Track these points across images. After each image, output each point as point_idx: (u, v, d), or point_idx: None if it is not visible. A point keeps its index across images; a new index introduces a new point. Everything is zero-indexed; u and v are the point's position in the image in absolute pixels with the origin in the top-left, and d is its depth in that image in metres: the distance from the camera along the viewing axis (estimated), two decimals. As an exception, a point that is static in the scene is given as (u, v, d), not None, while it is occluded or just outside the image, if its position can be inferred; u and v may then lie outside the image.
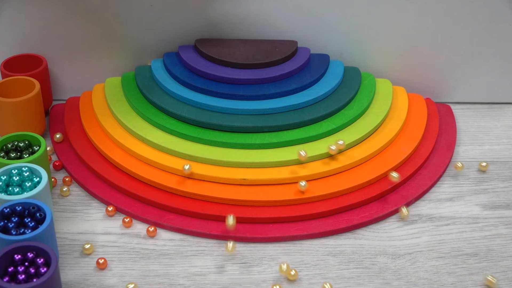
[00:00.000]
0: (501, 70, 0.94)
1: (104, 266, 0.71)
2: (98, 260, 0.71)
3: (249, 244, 0.75)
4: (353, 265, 0.73)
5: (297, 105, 0.85)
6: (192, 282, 0.70)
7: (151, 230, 0.75)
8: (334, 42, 0.92)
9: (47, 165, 0.77)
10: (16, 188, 0.71)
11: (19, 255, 0.64)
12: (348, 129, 0.85)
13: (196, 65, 0.88)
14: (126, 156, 0.82)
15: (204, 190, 0.78)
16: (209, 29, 0.91)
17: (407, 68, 0.94)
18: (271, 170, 0.80)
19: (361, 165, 0.82)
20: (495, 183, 0.83)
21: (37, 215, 0.67)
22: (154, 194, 0.79)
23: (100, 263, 0.71)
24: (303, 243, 0.75)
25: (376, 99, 0.89)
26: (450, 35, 0.91)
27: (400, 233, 0.76)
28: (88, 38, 0.92)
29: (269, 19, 0.91)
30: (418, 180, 0.82)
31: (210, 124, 0.83)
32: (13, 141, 0.77)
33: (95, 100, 0.89)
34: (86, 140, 0.85)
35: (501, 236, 0.76)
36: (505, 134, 0.91)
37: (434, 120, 0.90)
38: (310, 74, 0.89)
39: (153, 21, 0.91)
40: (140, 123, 0.85)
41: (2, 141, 0.77)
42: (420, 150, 0.85)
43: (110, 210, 0.77)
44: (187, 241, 0.75)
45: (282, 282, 0.70)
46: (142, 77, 0.89)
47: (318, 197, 0.78)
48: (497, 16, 0.90)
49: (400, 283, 0.70)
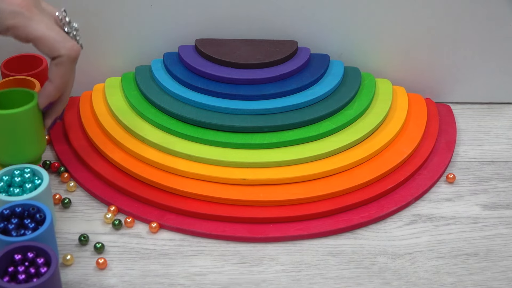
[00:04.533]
0: (501, 70, 0.94)
1: (104, 266, 0.71)
2: (98, 260, 0.71)
3: (249, 244, 0.75)
4: (353, 265, 0.73)
5: (297, 105, 0.85)
6: (192, 282, 0.70)
7: (153, 226, 0.75)
8: (334, 42, 0.93)
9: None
10: (16, 189, 0.71)
11: (19, 255, 0.64)
12: (348, 129, 0.85)
13: (196, 65, 0.88)
14: (126, 156, 0.82)
15: (204, 190, 0.78)
16: (209, 29, 0.91)
17: (407, 68, 0.94)
18: (271, 170, 0.80)
19: (361, 165, 0.82)
20: (495, 183, 0.83)
21: (37, 216, 0.67)
22: (154, 194, 0.79)
23: (100, 263, 0.71)
24: (303, 243, 0.75)
25: (376, 99, 0.89)
26: (450, 35, 0.91)
27: (400, 233, 0.76)
28: (88, 38, 0.92)
29: (269, 19, 0.91)
30: (418, 180, 0.82)
31: (210, 124, 0.83)
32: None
33: (95, 100, 0.89)
34: (86, 140, 0.85)
35: (501, 236, 0.76)
36: (505, 134, 0.91)
37: (434, 120, 0.90)
38: (310, 74, 0.89)
39: (153, 21, 0.91)
40: (140, 123, 0.85)
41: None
42: (420, 150, 0.85)
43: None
44: (187, 241, 0.75)
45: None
46: (142, 77, 0.89)
47: (318, 197, 0.78)
48: (497, 16, 0.90)
49: (400, 283, 0.70)
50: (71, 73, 0.71)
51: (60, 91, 0.72)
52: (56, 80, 0.70)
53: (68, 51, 0.69)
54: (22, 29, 0.67)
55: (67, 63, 0.69)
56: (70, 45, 0.69)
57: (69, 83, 0.72)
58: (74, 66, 0.71)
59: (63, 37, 0.69)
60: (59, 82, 0.71)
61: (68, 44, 0.69)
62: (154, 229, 0.76)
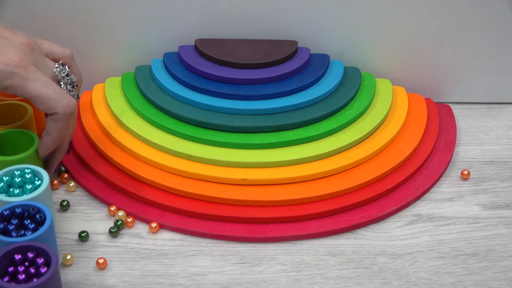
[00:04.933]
0: (501, 70, 0.94)
1: (104, 266, 0.71)
2: (98, 260, 0.71)
3: (249, 244, 0.75)
4: (353, 265, 0.73)
5: (297, 105, 0.85)
6: (192, 282, 0.70)
7: (153, 226, 0.75)
8: (334, 42, 0.92)
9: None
10: (16, 189, 0.71)
11: (19, 255, 0.64)
12: (348, 129, 0.85)
13: (196, 65, 0.88)
14: (126, 156, 0.82)
15: (204, 190, 0.78)
16: (209, 29, 0.91)
17: (407, 68, 0.94)
18: (271, 170, 0.80)
19: (361, 165, 0.82)
20: (495, 183, 0.83)
21: (37, 217, 0.67)
22: (154, 194, 0.79)
23: (100, 263, 0.71)
24: (303, 243, 0.75)
25: (376, 99, 0.89)
26: (450, 35, 0.91)
27: (400, 233, 0.76)
28: (88, 38, 0.92)
29: (269, 19, 0.91)
30: (418, 180, 0.82)
31: (210, 124, 0.83)
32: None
33: (95, 100, 0.89)
34: (86, 140, 0.85)
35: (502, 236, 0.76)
36: (505, 134, 0.91)
37: (434, 120, 0.90)
38: (310, 74, 0.89)
39: (153, 21, 0.91)
40: (140, 123, 0.85)
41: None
42: (420, 150, 0.85)
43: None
44: (187, 241, 0.75)
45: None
46: (142, 77, 0.89)
47: (318, 197, 0.78)
48: (497, 16, 0.90)
49: (400, 283, 0.70)
50: (68, 126, 0.73)
51: (58, 142, 0.73)
52: (54, 133, 0.72)
53: (64, 109, 0.70)
54: (19, 88, 0.69)
55: (63, 119, 0.71)
56: (65, 102, 0.70)
57: (68, 134, 0.74)
58: (71, 120, 0.72)
59: (59, 94, 0.70)
60: (57, 136, 0.72)
61: (63, 101, 0.70)
62: (154, 229, 0.76)
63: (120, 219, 0.76)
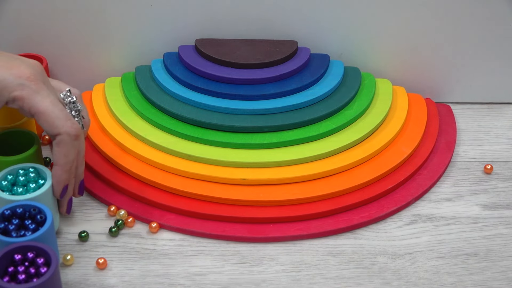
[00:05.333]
0: (501, 70, 0.94)
1: (104, 266, 0.71)
2: (98, 260, 0.71)
3: (249, 244, 0.75)
4: (353, 265, 0.73)
5: (297, 105, 0.85)
6: (192, 282, 0.70)
7: (153, 226, 0.75)
8: (334, 42, 0.92)
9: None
10: (19, 188, 0.71)
11: (19, 255, 0.64)
12: (348, 129, 0.85)
13: (196, 65, 0.88)
14: (126, 156, 0.82)
15: (204, 190, 0.78)
16: (209, 29, 0.91)
17: (407, 68, 0.94)
18: (271, 170, 0.80)
19: (361, 165, 0.82)
20: (495, 183, 0.83)
21: (37, 217, 0.67)
22: (154, 194, 0.79)
23: (100, 263, 0.71)
24: (303, 243, 0.75)
25: (376, 99, 0.89)
26: (450, 35, 0.91)
27: (400, 233, 0.76)
28: (88, 38, 0.92)
29: (269, 19, 0.91)
30: (418, 180, 0.82)
31: (209, 124, 0.83)
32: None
33: (95, 100, 0.89)
34: (86, 140, 0.85)
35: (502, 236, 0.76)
36: (505, 134, 0.91)
37: (434, 120, 0.90)
38: (310, 74, 0.89)
39: (153, 21, 0.91)
40: (140, 123, 0.85)
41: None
42: (420, 150, 0.85)
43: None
44: (187, 241, 0.75)
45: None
46: (142, 77, 0.89)
47: (318, 197, 0.78)
48: (497, 16, 0.90)
49: (400, 283, 0.70)
50: (74, 151, 0.71)
51: (68, 171, 0.71)
52: (60, 160, 0.70)
53: (68, 129, 0.69)
54: (27, 101, 0.68)
55: (67, 141, 0.70)
56: (70, 123, 0.69)
57: (76, 161, 0.72)
58: (76, 144, 0.70)
59: (65, 115, 0.70)
60: (64, 162, 0.70)
61: (68, 123, 0.69)
62: (154, 229, 0.76)
63: (120, 219, 0.76)
